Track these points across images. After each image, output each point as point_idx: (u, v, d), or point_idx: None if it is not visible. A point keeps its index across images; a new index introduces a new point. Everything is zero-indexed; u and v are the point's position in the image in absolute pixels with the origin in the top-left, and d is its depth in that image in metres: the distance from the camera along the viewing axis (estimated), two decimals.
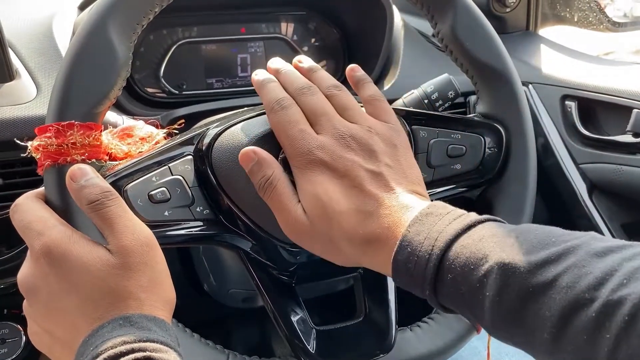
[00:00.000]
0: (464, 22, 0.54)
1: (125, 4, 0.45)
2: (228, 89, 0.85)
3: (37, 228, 0.41)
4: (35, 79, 0.67)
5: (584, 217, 0.82)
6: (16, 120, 0.62)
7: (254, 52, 0.87)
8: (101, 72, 0.44)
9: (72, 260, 0.39)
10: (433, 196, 0.56)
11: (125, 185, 0.46)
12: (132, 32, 0.46)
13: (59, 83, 0.44)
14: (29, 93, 0.66)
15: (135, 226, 0.41)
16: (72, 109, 0.44)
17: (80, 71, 0.44)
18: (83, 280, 0.39)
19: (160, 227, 0.47)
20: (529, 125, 0.56)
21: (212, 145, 0.49)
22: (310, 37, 0.89)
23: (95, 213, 0.41)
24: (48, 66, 0.68)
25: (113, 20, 0.44)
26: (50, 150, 0.43)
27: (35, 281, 0.41)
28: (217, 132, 0.50)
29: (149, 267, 0.41)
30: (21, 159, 0.64)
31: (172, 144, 0.49)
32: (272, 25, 0.87)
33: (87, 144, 0.44)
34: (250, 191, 0.48)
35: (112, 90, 0.45)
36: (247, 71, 0.86)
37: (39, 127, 0.44)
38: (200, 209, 0.49)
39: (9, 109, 0.63)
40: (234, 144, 0.49)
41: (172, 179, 0.48)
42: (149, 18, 0.47)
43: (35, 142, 0.44)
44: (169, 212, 0.47)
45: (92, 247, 0.40)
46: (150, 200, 0.47)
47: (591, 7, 0.93)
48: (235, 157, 0.48)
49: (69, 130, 0.43)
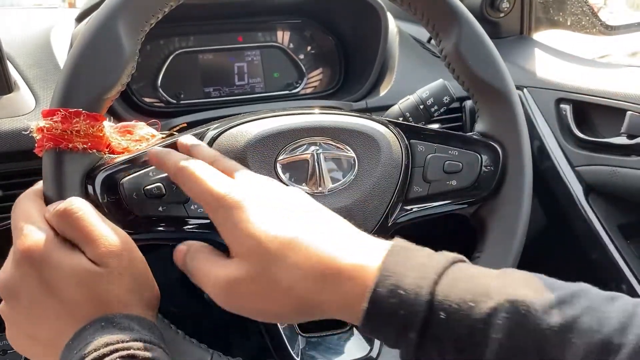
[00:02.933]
0: (468, 41, 0.55)
1: (136, 0, 0.46)
2: (226, 97, 0.86)
3: (22, 228, 0.41)
4: (34, 90, 0.68)
5: (581, 219, 0.82)
6: (15, 132, 0.62)
7: (250, 61, 0.87)
8: (107, 64, 0.45)
9: (52, 265, 0.39)
10: (428, 211, 0.57)
11: (121, 178, 0.47)
12: (140, 29, 0.47)
13: (66, 69, 0.45)
14: (28, 105, 0.66)
15: (110, 232, 0.41)
16: (78, 95, 0.45)
17: (88, 60, 0.45)
18: (63, 285, 0.39)
19: (153, 221, 0.48)
20: (526, 146, 0.57)
21: (211, 146, 0.50)
22: (307, 45, 0.90)
23: (66, 226, 0.41)
24: (46, 78, 0.69)
25: (122, 15, 0.46)
26: (54, 134, 0.44)
27: (15, 283, 0.40)
28: (215, 133, 0.51)
29: (129, 270, 0.41)
30: (20, 170, 0.64)
31: (171, 141, 0.50)
32: (268, 33, 0.88)
33: (91, 133, 0.45)
34: None
35: (116, 82, 0.46)
36: (244, 80, 0.87)
37: (46, 110, 0.45)
38: (194, 207, 0.49)
39: (7, 120, 0.63)
40: (231, 145, 0.50)
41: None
42: (158, 17, 0.48)
43: (41, 123, 0.44)
44: (163, 208, 0.48)
45: (72, 253, 0.40)
46: (145, 195, 0.47)
47: (584, 11, 0.94)
48: (232, 158, 0.48)
49: (75, 118, 0.44)
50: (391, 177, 0.53)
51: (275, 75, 0.89)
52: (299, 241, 0.37)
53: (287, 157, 0.51)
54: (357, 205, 0.51)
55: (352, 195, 0.51)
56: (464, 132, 0.65)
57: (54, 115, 0.44)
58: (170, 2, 0.49)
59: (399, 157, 0.54)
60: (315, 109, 0.55)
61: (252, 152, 0.49)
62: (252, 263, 0.37)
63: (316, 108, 0.57)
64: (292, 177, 0.50)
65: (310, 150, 0.51)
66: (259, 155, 0.50)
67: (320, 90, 0.90)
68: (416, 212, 0.56)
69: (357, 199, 0.51)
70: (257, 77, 0.88)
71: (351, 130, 0.52)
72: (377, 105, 0.79)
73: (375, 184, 0.52)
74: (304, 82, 0.89)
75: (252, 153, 0.49)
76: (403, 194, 0.55)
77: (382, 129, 0.54)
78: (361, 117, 0.55)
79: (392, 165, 0.53)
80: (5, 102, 0.65)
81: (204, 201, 0.41)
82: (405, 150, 0.54)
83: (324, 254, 0.36)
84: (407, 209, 0.56)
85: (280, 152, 0.50)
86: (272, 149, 0.50)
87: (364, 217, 0.52)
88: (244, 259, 0.38)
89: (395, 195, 0.53)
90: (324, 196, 0.51)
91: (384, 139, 0.53)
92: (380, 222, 0.53)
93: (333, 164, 0.52)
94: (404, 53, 0.86)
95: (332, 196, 0.51)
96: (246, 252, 0.38)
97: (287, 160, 0.50)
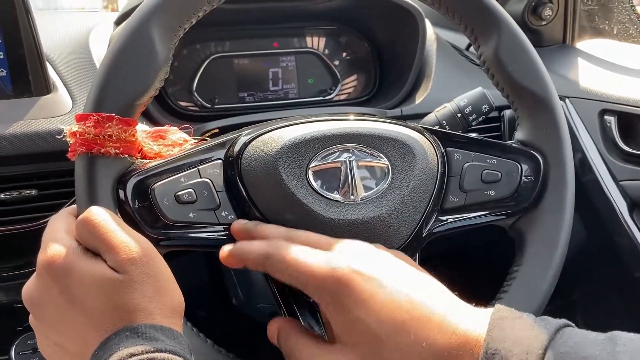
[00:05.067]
0: (508, 46, 0.53)
1: (169, 5, 0.46)
2: (259, 102, 0.86)
3: (46, 242, 0.42)
4: (72, 92, 0.69)
5: (624, 236, 0.79)
6: (52, 133, 0.63)
7: (285, 67, 0.87)
8: (141, 68, 0.46)
9: (74, 275, 0.39)
10: (464, 222, 0.55)
11: (153, 183, 0.47)
12: (174, 34, 0.47)
13: (99, 74, 0.45)
14: (65, 106, 0.67)
15: (130, 240, 0.41)
16: (110, 100, 0.45)
17: (121, 65, 0.45)
18: (87, 294, 0.39)
19: (183, 227, 0.48)
20: (569, 155, 0.54)
21: (243, 152, 0.49)
22: (342, 51, 0.89)
23: (88, 235, 0.41)
24: (84, 80, 0.70)
25: (156, 20, 0.46)
26: (86, 139, 0.44)
27: (39, 295, 0.41)
28: (247, 139, 0.50)
29: (151, 277, 0.40)
30: (55, 170, 0.65)
31: (203, 147, 0.50)
32: (303, 39, 0.88)
33: (123, 138, 0.46)
34: (278, 202, 0.47)
35: (149, 87, 0.46)
36: (278, 85, 0.87)
37: (79, 114, 0.45)
38: (225, 213, 0.48)
39: (45, 121, 0.64)
40: (263, 151, 0.49)
41: (200, 181, 0.48)
42: (192, 22, 0.48)
43: (75, 128, 0.45)
44: (194, 214, 0.48)
45: (94, 262, 0.40)
46: (176, 201, 0.47)
47: (632, 19, 0.91)
48: (264, 165, 0.48)
49: (108, 122, 0.44)
50: (426, 186, 0.51)
51: (309, 81, 0.88)
52: (409, 325, 0.37)
53: (319, 164, 0.49)
54: (390, 215, 0.50)
55: (385, 205, 0.50)
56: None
57: (86, 120, 0.45)
58: (203, 7, 0.48)
59: (434, 166, 0.52)
60: (349, 115, 0.54)
61: (284, 159, 0.49)
62: (362, 349, 0.38)
63: (350, 114, 0.55)
64: (324, 185, 0.49)
65: (342, 158, 0.50)
66: (290, 162, 0.49)
67: (355, 96, 0.89)
68: (452, 222, 0.54)
69: (390, 208, 0.50)
70: (292, 83, 0.88)
71: (385, 137, 0.51)
72: (413, 113, 0.77)
73: (409, 193, 0.50)
74: (338, 89, 0.88)
75: (284, 159, 0.49)
76: (438, 203, 0.53)
77: (417, 136, 0.52)
78: (395, 123, 0.53)
79: (428, 174, 0.51)
80: (43, 103, 0.66)
81: (303, 285, 0.41)
82: (441, 159, 0.53)
83: (433, 335, 0.37)
84: (443, 220, 0.54)
85: (312, 158, 0.49)
86: (304, 155, 0.49)
87: (397, 227, 0.50)
88: (353, 345, 0.38)
89: (430, 204, 0.52)
90: (356, 205, 0.49)
91: (419, 147, 0.51)
92: (414, 232, 0.51)
93: (366, 171, 0.50)
94: (441, 60, 0.84)
95: (364, 205, 0.49)
96: (355, 337, 0.38)
97: (319, 168, 0.49)
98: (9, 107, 0.65)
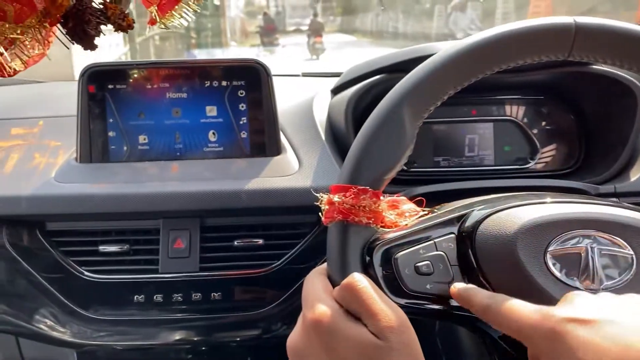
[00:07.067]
0: None
1: (421, 90, 0.50)
2: (454, 167, 0.87)
3: (311, 301, 0.46)
4: (298, 154, 0.76)
5: None
6: (282, 190, 0.70)
7: (482, 133, 0.88)
8: (392, 146, 0.49)
9: (339, 336, 0.43)
10: None
11: (396, 253, 0.50)
12: (422, 115, 0.51)
13: (356, 149, 0.50)
14: (292, 167, 0.74)
15: (390, 308, 0.43)
16: (366, 174, 0.49)
17: (377, 142, 0.49)
18: (348, 354, 0.42)
19: (421, 298, 0.50)
20: None
21: (476, 229, 0.51)
22: (542, 120, 0.88)
23: (351, 299, 0.44)
24: (309, 143, 0.77)
25: (408, 103, 0.50)
26: (344, 208, 0.49)
27: (304, 347, 0.45)
28: (481, 215, 0.52)
29: (407, 346, 0.42)
30: (277, 223, 0.72)
31: (438, 221, 0.52)
32: (502, 107, 0.88)
33: (373, 209, 0.50)
34: (511, 282, 0.48)
35: (397, 163, 0.50)
36: (474, 151, 0.88)
37: (335, 186, 0.50)
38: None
39: (276, 179, 0.72)
40: (500, 230, 0.50)
41: (437, 254, 0.51)
42: (437, 104, 0.52)
43: (335, 197, 0.49)
44: (431, 286, 0.50)
45: (357, 327, 0.43)
46: (416, 272, 0.50)
47: None
48: (499, 243, 0.48)
49: (362, 195, 0.49)
50: None
51: (506, 149, 0.88)
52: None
53: (558, 249, 0.49)
54: None
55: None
56: None
57: (344, 191, 0.49)
58: (449, 90, 0.51)
59: None
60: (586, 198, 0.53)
61: (523, 239, 0.49)
62: None
63: (588, 197, 0.55)
64: (563, 269, 0.49)
65: (584, 244, 0.49)
66: (529, 243, 0.49)
67: (554, 167, 0.87)
68: None
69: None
70: (488, 150, 0.88)
71: (629, 226, 0.49)
72: (628, 191, 0.73)
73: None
74: (537, 158, 0.87)
75: (523, 240, 0.49)
76: None
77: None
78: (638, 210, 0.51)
79: None
80: (274, 163, 0.74)
81: (516, 333, 0.42)
82: None
83: None
84: None
85: (552, 242, 0.49)
86: (543, 238, 0.49)
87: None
88: None
89: None
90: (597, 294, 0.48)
91: None
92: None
93: (608, 260, 0.49)
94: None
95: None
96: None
97: (559, 252, 0.49)
98: (247, 165, 0.73)
